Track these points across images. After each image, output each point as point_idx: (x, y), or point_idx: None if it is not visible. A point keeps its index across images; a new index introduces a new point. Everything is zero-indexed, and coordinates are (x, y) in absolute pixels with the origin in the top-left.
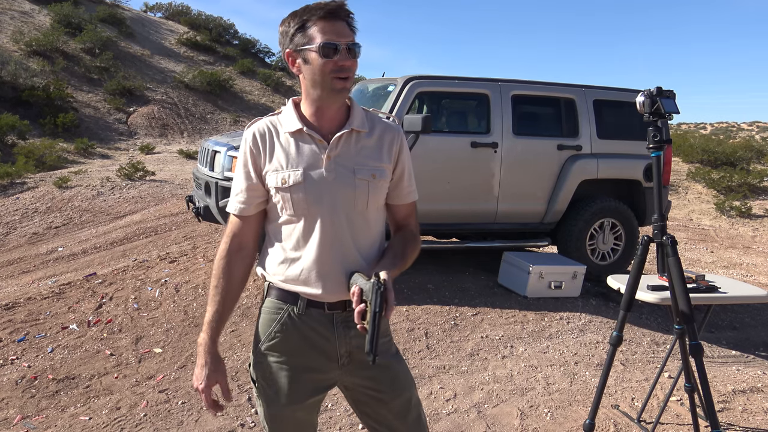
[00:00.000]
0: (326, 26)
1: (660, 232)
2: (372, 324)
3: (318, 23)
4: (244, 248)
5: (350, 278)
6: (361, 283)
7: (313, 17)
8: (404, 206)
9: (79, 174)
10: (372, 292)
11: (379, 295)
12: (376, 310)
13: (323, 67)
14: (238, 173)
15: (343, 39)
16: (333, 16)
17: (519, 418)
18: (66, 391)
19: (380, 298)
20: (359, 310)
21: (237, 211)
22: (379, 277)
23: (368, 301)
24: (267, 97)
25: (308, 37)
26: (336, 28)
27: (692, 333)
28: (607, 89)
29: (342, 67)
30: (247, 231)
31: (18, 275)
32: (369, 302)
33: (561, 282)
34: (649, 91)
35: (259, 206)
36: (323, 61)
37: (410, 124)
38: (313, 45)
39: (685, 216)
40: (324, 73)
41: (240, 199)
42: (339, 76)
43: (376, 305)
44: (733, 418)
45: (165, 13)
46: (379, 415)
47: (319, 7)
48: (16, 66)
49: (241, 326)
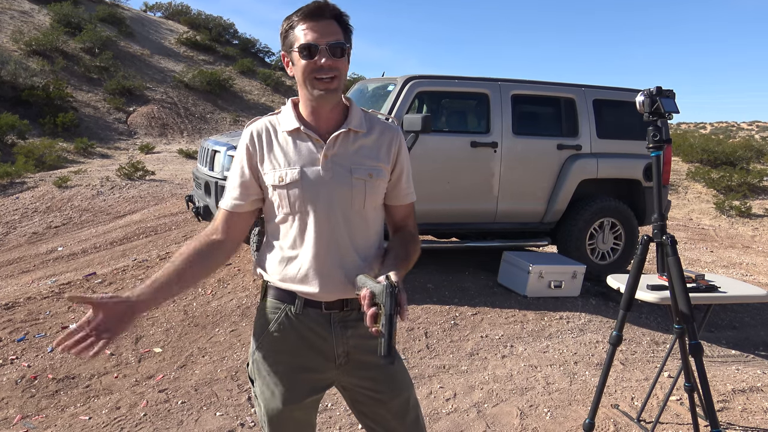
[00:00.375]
0: (308, 26)
1: (660, 231)
2: (387, 327)
3: (300, 23)
4: (224, 244)
5: (357, 281)
6: (371, 285)
7: (296, 18)
8: (403, 207)
9: (79, 174)
10: (385, 295)
11: (392, 297)
12: (390, 312)
13: (304, 68)
14: (234, 170)
15: (324, 39)
16: (314, 15)
17: (519, 418)
18: (66, 391)
19: (394, 300)
20: (371, 314)
21: (229, 207)
22: (390, 279)
23: (381, 304)
24: (267, 97)
25: (294, 38)
26: (318, 27)
27: (692, 332)
28: (607, 89)
29: (321, 67)
30: (233, 228)
31: (18, 275)
32: (382, 304)
33: (561, 281)
34: (649, 90)
35: (252, 204)
36: (304, 62)
37: (410, 124)
38: (295, 47)
39: (684, 215)
40: (305, 74)
41: (233, 195)
42: (319, 76)
43: (390, 307)
44: (732, 418)
45: (165, 13)
46: (377, 415)
47: (302, 8)
48: (16, 65)
49: (240, 326)
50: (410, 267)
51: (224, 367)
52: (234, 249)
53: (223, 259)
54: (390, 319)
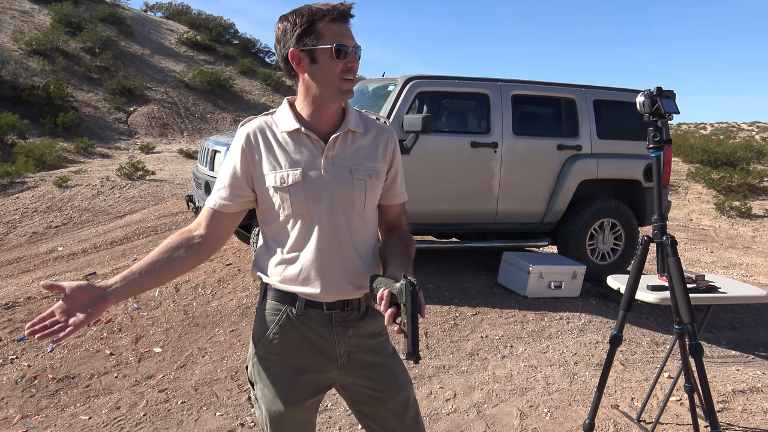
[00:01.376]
0: (337, 28)
1: (660, 232)
2: (411, 325)
3: (329, 25)
4: (204, 244)
5: (373, 282)
6: (389, 285)
7: (324, 18)
8: (396, 206)
9: (79, 173)
10: (405, 294)
11: (413, 296)
12: (413, 311)
13: (335, 68)
14: (225, 169)
15: (351, 41)
16: (344, 17)
17: (518, 418)
18: (66, 391)
19: (415, 299)
20: (390, 313)
21: (216, 206)
22: (409, 278)
23: (401, 303)
24: (267, 97)
25: (318, 37)
26: (344, 30)
27: (692, 333)
28: (607, 89)
29: (351, 68)
30: (216, 228)
31: (18, 274)
32: (402, 304)
33: (561, 282)
34: (649, 91)
35: (239, 206)
36: (335, 62)
37: (410, 124)
38: (326, 46)
39: (685, 216)
40: (334, 73)
41: (222, 194)
42: (347, 77)
43: (413, 306)
44: (732, 418)
45: (165, 13)
46: (377, 414)
47: (331, 9)
48: (16, 65)
49: (240, 326)
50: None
51: (224, 367)
52: (214, 249)
53: (202, 257)
54: (413, 318)
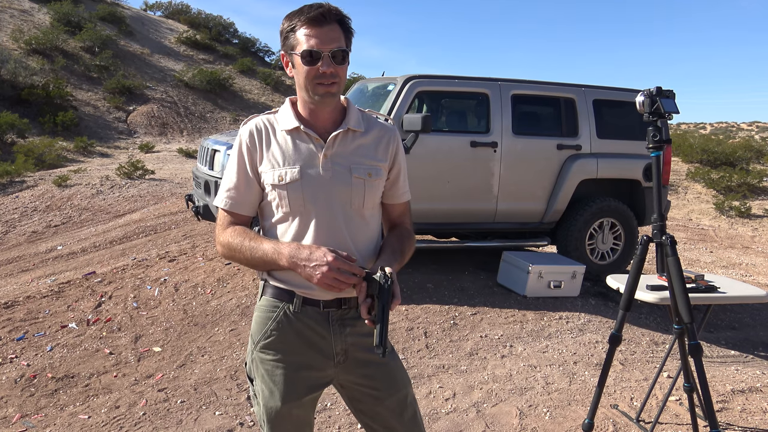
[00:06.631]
0: (310, 32)
1: (659, 231)
2: (380, 317)
3: (303, 28)
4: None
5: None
6: (367, 278)
7: (299, 21)
8: (399, 205)
9: (79, 173)
10: (377, 286)
11: (385, 289)
12: (384, 303)
13: (306, 73)
14: (231, 169)
15: (326, 46)
16: (317, 21)
17: (518, 418)
18: (65, 390)
19: (388, 292)
20: (365, 306)
21: (227, 207)
22: (384, 270)
23: (374, 295)
24: (267, 96)
25: (295, 41)
26: (321, 33)
27: (691, 333)
28: (606, 89)
29: (324, 74)
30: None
31: (17, 274)
32: (376, 296)
33: (560, 281)
34: (649, 90)
35: (252, 203)
36: (306, 68)
37: (410, 124)
38: (296, 51)
39: (684, 216)
40: (307, 78)
41: (231, 195)
42: (321, 82)
43: (384, 298)
44: (731, 418)
45: (165, 12)
46: (375, 412)
47: (305, 12)
48: (16, 64)
49: (240, 325)
50: (405, 261)
51: (224, 366)
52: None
53: None
54: (383, 310)
